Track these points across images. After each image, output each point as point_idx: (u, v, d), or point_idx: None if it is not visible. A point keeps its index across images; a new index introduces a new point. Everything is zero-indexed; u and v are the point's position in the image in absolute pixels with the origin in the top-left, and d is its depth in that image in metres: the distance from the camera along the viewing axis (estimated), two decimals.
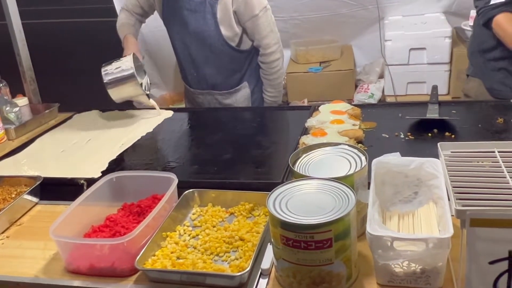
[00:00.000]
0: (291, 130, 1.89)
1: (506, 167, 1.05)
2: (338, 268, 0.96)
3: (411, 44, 3.11)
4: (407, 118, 1.72)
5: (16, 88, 2.26)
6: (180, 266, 1.09)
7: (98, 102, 2.16)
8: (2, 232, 1.34)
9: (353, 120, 1.65)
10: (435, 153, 1.15)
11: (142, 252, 1.09)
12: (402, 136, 1.64)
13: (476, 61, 2.17)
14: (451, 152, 1.14)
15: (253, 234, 1.18)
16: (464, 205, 0.93)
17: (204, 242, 1.17)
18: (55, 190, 1.50)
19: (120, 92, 1.96)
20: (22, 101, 2.15)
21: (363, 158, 1.14)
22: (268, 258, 1.08)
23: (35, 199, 1.47)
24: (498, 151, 1.11)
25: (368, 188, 1.11)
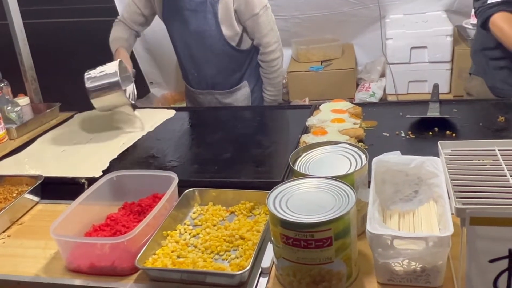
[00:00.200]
0: (292, 129, 1.88)
1: (506, 165, 1.05)
2: (338, 267, 0.96)
3: (413, 43, 3.10)
4: (408, 117, 1.72)
5: (18, 88, 2.26)
6: (181, 265, 1.09)
7: None
8: (3, 231, 1.34)
9: (353, 118, 1.65)
10: (436, 151, 1.15)
11: (142, 251, 1.09)
12: (403, 134, 1.64)
13: (478, 59, 2.16)
14: (452, 150, 1.14)
15: (253, 233, 1.18)
16: (464, 203, 0.92)
17: (204, 241, 1.18)
18: (56, 189, 1.50)
19: (103, 99, 1.80)
20: (24, 100, 2.16)
21: (363, 156, 1.14)
22: (268, 257, 1.08)
23: (36, 198, 1.48)
24: (499, 149, 1.11)
25: (369, 186, 1.11)
